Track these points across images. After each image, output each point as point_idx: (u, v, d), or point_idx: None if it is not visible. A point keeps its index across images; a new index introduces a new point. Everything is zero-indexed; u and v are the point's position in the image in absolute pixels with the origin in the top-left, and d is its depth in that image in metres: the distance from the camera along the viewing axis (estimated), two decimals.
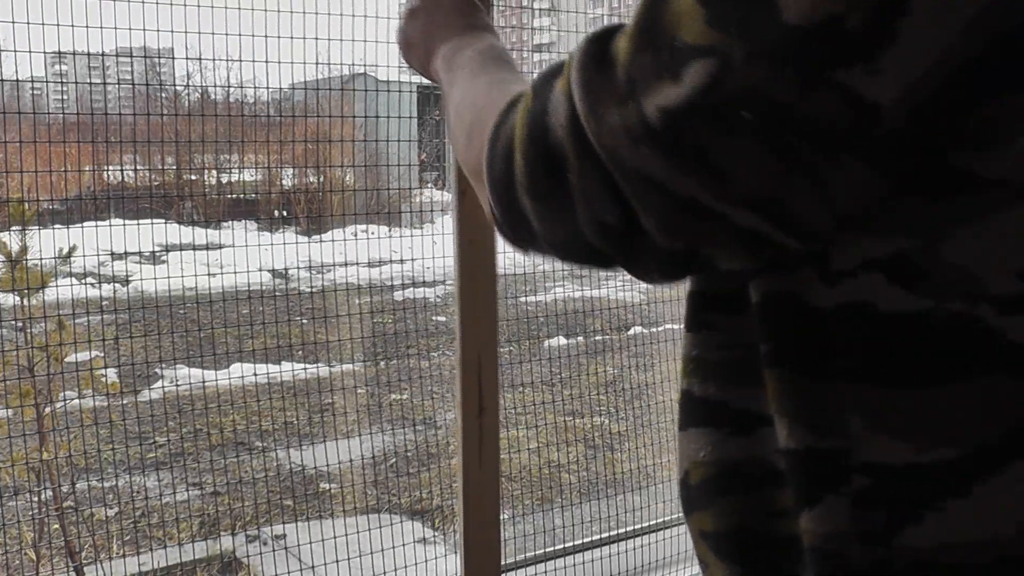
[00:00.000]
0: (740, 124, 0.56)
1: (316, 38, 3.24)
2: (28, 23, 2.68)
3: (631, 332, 5.24)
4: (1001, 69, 0.54)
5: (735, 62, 0.55)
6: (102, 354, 4.16)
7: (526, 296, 4.71)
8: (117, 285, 5.69)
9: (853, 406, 0.62)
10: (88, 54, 4.00)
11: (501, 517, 1.42)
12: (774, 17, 0.54)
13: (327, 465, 4.42)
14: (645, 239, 0.61)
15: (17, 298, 2.96)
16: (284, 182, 7.19)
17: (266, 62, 3.26)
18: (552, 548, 3.60)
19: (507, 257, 3.70)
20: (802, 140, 0.55)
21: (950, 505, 0.59)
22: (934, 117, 0.55)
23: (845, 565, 0.63)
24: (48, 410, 3.00)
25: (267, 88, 3.82)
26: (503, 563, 3.42)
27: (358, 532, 3.33)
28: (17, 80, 3.48)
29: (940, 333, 0.59)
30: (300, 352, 4.97)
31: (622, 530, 3.72)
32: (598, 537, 3.69)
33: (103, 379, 3.40)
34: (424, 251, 4.51)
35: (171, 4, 2.89)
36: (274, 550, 3.39)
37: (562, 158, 0.62)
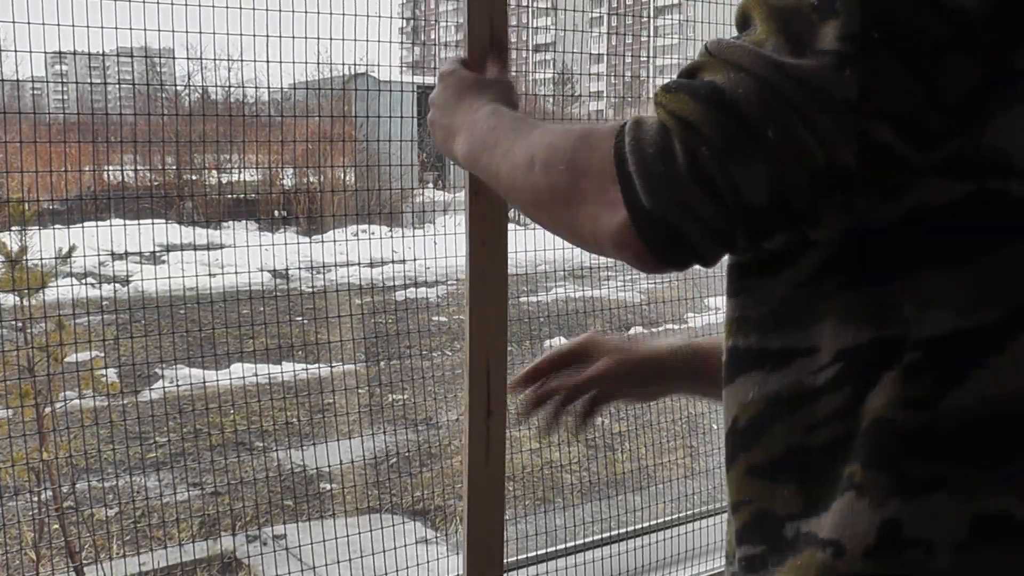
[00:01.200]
0: (875, 43, 0.67)
1: (316, 37, 3.24)
2: (29, 23, 2.68)
3: (631, 332, 5.24)
4: None
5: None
6: (102, 354, 4.15)
7: (527, 296, 4.71)
8: (117, 285, 5.68)
9: (908, 296, 0.74)
10: (89, 54, 3.99)
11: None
12: None
13: (327, 465, 4.42)
14: (836, 174, 0.70)
15: (17, 298, 2.96)
16: (284, 182, 7.19)
17: (267, 62, 3.26)
18: (552, 548, 3.60)
19: (507, 257, 3.69)
20: (924, 53, 0.67)
21: (991, 361, 0.71)
22: (1005, 13, 0.67)
23: (893, 431, 0.74)
24: (48, 410, 2.99)
25: (267, 88, 3.82)
26: (503, 563, 3.42)
27: (359, 533, 3.33)
28: (18, 80, 3.47)
29: (979, 210, 0.71)
30: (300, 352, 4.96)
31: (622, 530, 3.72)
32: (598, 537, 3.69)
33: (103, 379, 3.40)
34: (424, 251, 4.51)
35: (172, 4, 2.89)
36: (275, 551, 3.38)
37: (758, 120, 0.69)
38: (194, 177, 7.90)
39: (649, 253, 0.76)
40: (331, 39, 3.30)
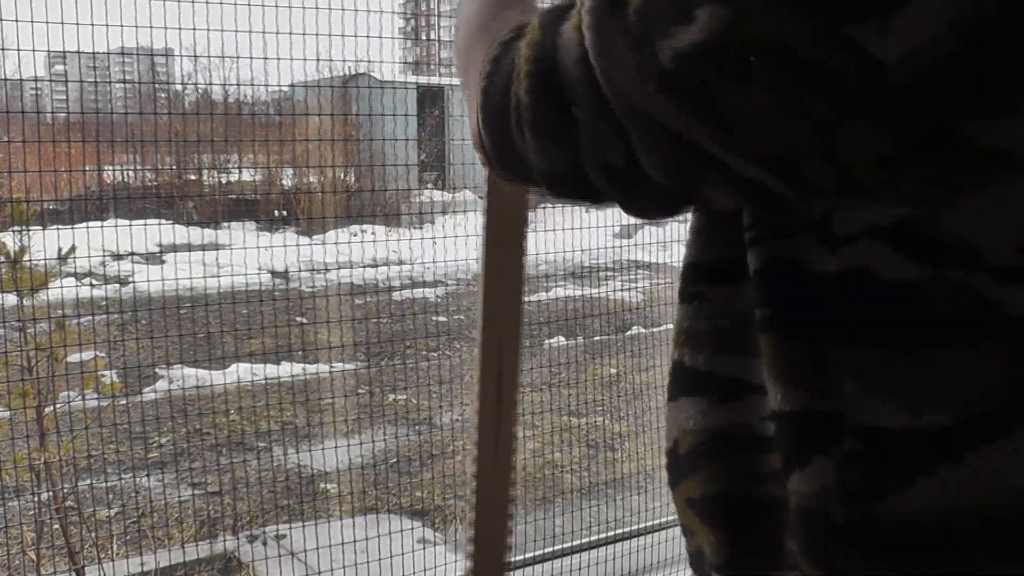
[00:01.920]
0: (750, 72, 0.56)
1: (316, 34, 3.23)
2: (31, 21, 2.68)
3: (631, 332, 5.24)
4: (1012, 34, 0.53)
5: (750, 9, 0.55)
6: (102, 354, 4.15)
7: (527, 296, 4.71)
8: (117, 285, 5.68)
9: (849, 369, 0.63)
10: (90, 54, 3.99)
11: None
12: None
13: (327, 465, 4.42)
14: (646, 179, 0.62)
15: (17, 298, 2.96)
16: (284, 182, 7.19)
17: (265, 59, 3.26)
18: (552, 549, 3.59)
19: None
20: (811, 92, 0.55)
21: (942, 471, 0.60)
22: (941, 82, 0.54)
23: (829, 526, 0.64)
24: (48, 410, 2.99)
25: (267, 87, 3.82)
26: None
27: (357, 532, 3.33)
28: (20, 80, 3.47)
29: (938, 300, 0.60)
30: (300, 352, 4.96)
31: (622, 530, 3.72)
32: (599, 538, 3.69)
33: (103, 379, 3.40)
34: (424, 251, 4.52)
35: (173, 3, 2.89)
36: (279, 553, 3.38)
37: (570, 95, 0.62)
38: (194, 177, 7.91)
39: (488, 167, 0.77)
40: (331, 35, 3.30)
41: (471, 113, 0.80)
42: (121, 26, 3.01)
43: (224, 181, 6.65)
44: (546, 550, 3.57)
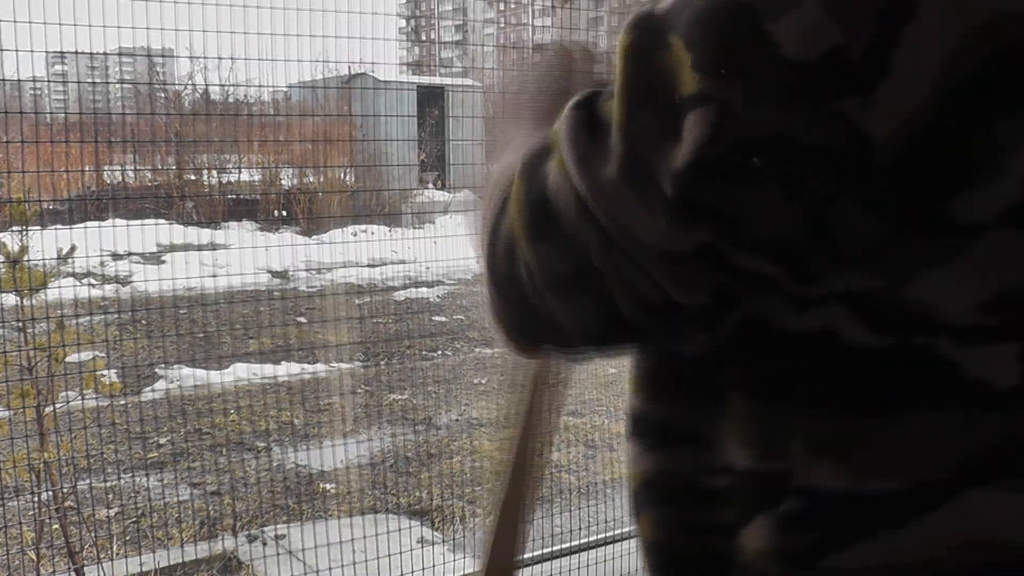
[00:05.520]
0: (750, 171, 0.54)
1: (316, 35, 3.23)
2: (31, 21, 2.68)
3: None
4: (988, 99, 0.52)
5: (735, 106, 0.53)
6: (102, 354, 4.15)
7: None
8: (117, 285, 5.68)
9: (799, 430, 0.62)
10: (90, 54, 3.99)
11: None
12: (773, 54, 0.52)
13: (327, 465, 4.42)
14: (679, 306, 0.59)
15: (17, 298, 2.96)
16: (284, 182, 7.19)
17: (265, 60, 3.26)
18: (552, 549, 3.60)
19: None
20: (811, 176, 0.54)
21: (881, 534, 0.60)
22: (926, 155, 0.53)
23: None
24: (48, 410, 2.99)
25: (267, 87, 3.82)
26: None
27: (357, 532, 3.33)
28: (19, 80, 3.47)
29: (898, 367, 0.59)
30: (300, 352, 4.97)
31: (622, 530, 3.72)
32: (597, 537, 3.69)
33: (103, 379, 3.40)
34: (424, 251, 4.52)
35: (173, 3, 2.89)
36: (278, 553, 3.38)
37: (582, 245, 0.58)
38: (194, 177, 7.91)
39: (513, 346, 0.72)
40: (330, 36, 3.30)
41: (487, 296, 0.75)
42: (121, 26, 3.01)
43: (224, 181, 6.65)
44: (546, 550, 3.57)
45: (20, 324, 2.96)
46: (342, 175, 5.73)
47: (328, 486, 4.51)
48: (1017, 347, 0.56)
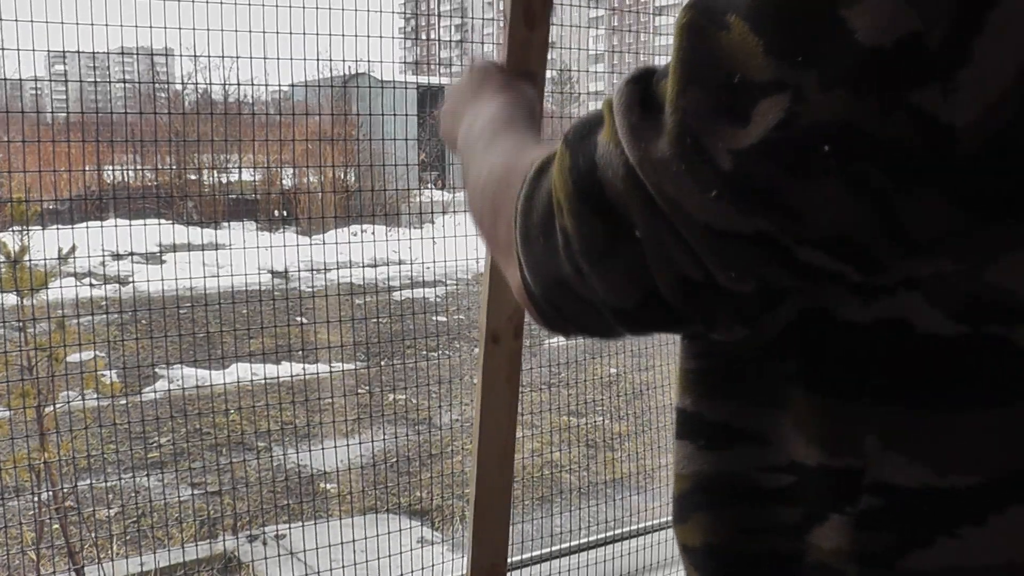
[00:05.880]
0: (818, 159, 0.52)
1: (316, 34, 3.23)
2: (31, 21, 2.68)
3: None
4: None
5: (809, 93, 0.51)
6: (102, 354, 4.15)
7: None
8: (117, 285, 5.68)
9: (873, 425, 0.60)
10: (90, 54, 3.99)
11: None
12: (848, 40, 0.50)
13: (327, 465, 4.42)
14: (720, 289, 0.58)
15: (17, 298, 2.96)
16: (284, 182, 7.19)
17: (265, 58, 3.26)
18: (552, 549, 3.60)
19: None
20: (881, 170, 0.52)
21: (965, 532, 0.58)
22: (1011, 141, 0.51)
23: None
24: (48, 410, 2.99)
25: (267, 87, 3.82)
26: None
27: (357, 532, 3.33)
28: (20, 80, 3.47)
29: (975, 358, 0.57)
30: (300, 352, 4.96)
31: (622, 530, 3.72)
32: (598, 537, 3.69)
33: (103, 379, 3.40)
34: (424, 252, 4.51)
35: (174, 2, 2.89)
36: (279, 553, 3.38)
37: (625, 214, 0.57)
38: (194, 177, 7.91)
39: (544, 324, 0.69)
40: (331, 35, 3.30)
41: (503, 257, 0.72)
42: (121, 26, 3.01)
43: (224, 181, 6.64)
44: (546, 550, 3.57)
45: (20, 324, 2.96)
46: (342, 175, 5.73)
47: (328, 486, 4.51)
48: None
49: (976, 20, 0.50)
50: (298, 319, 6.03)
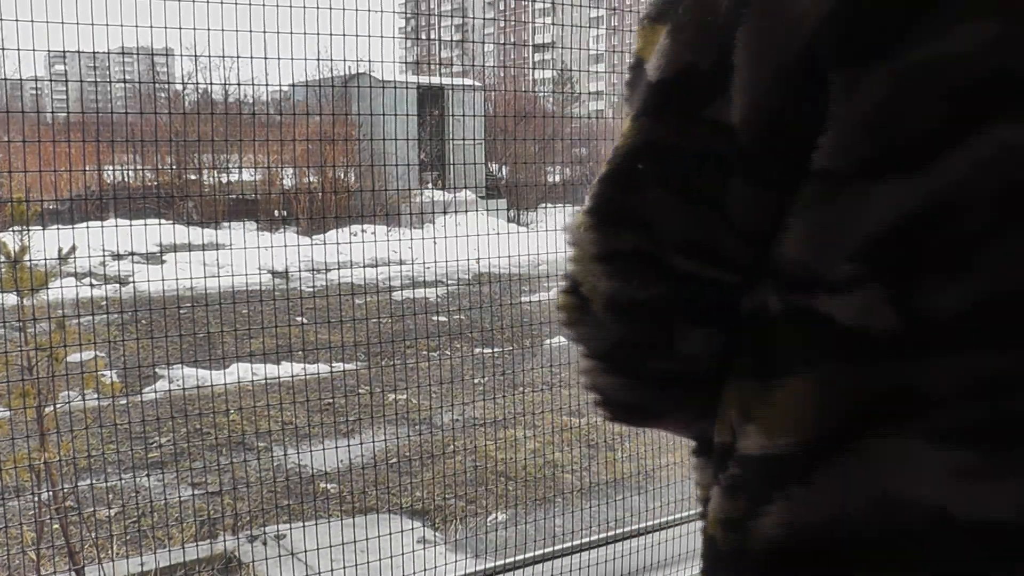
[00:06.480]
0: (636, 174, 0.66)
1: (317, 34, 3.23)
2: (31, 21, 2.68)
3: None
4: (814, 69, 0.61)
5: (626, 127, 0.67)
6: (102, 354, 4.15)
7: (527, 296, 4.71)
8: (117, 285, 5.68)
9: (733, 401, 0.69)
10: (90, 54, 3.99)
11: (501, 517, 1.42)
12: (644, 80, 0.67)
13: (327, 465, 4.42)
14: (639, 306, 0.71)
15: (17, 298, 2.96)
16: (284, 182, 7.19)
17: (265, 59, 3.25)
18: (552, 549, 3.59)
19: (507, 259, 3.70)
20: (695, 175, 0.65)
21: (792, 489, 0.64)
22: (773, 124, 0.63)
23: (715, 550, 0.69)
24: (48, 410, 2.99)
25: (267, 86, 3.82)
26: (503, 563, 3.42)
27: (357, 532, 3.33)
28: (20, 80, 3.47)
29: (790, 328, 0.65)
30: (300, 352, 4.96)
31: (622, 530, 3.71)
32: (598, 537, 3.69)
33: (103, 379, 3.40)
34: (424, 252, 4.50)
35: (174, 2, 2.89)
36: (279, 554, 3.38)
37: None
38: (194, 177, 7.91)
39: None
40: (331, 35, 3.29)
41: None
42: (121, 26, 3.01)
43: (224, 181, 6.65)
44: (546, 550, 3.57)
45: (20, 324, 2.95)
46: (342, 175, 5.73)
47: (328, 486, 4.50)
48: (885, 290, 0.59)
49: (730, 40, 0.62)
50: (298, 319, 6.03)
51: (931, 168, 0.57)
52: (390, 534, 3.30)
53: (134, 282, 4.80)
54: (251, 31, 3.12)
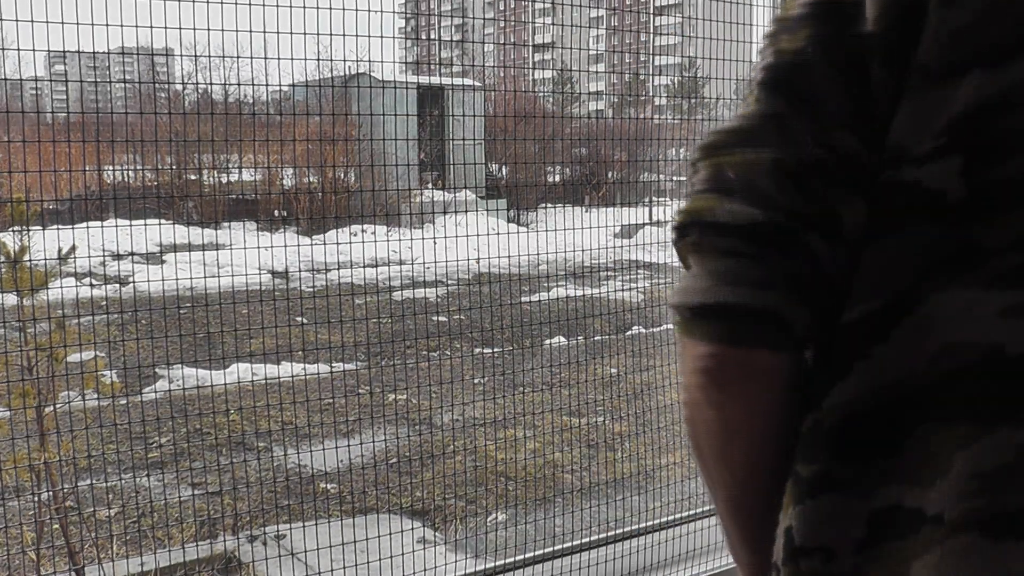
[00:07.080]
0: (810, 59, 0.75)
1: (316, 34, 3.23)
2: (31, 21, 2.68)
3: (631, 332, 5.24)
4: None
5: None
6: (102, 354, 4.15)
7: (527, 296, 4.71)
8: (117, 285, 5.68)
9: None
10: (90, 54, 3.98)
11: (501, 517, 1.42)
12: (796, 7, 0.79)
13: (327, 465, 4.42)
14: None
15: (17, 298, 2.96)
16: (284, 182, 7.20)
17: (265, 59, 3.25)
18: (552, 549, 3.59)
19: (507, 259, 3.70)
20: (849, 62, 0.73)
21: (874, 350, 0.72)
22: (898, 24, 0.71)
23: (797, 437, 0.77)
24: (48, 410, 2.99)
25: (267, 86, 3.82)
26: (503, 563, 3.42)
27: (357, 532, 3.33)
28: (20, 80, 3.47)
29: (875, 201, 0.73)
30: (300, 352, 4.96)
31: (622, 530, 3.71)
32: (598, 537, 3.69)
33: (103, 379, 3.40)
34: (424, 252, 4.51)
35: (174, 2, 2.89)
36: (279, 554, 3.38)
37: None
38: (194, 177, 7.91)
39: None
40: (331, 35, 3.29)
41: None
42: (121, 26, 3.01)
43: (224, 181, 6.65)
44: (546, 550, 3.57)
45: (20, 324, 2.95)
46: (342, 175, 5.73)
47: (328, 486, 4.50)
48: (959, 160, 0.70)
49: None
50: (298, 319, 6.03)
51: (1011, 65, 0.69)
52: (390, 534, 3.30)
53: (134, 282, 4.80)
54: (251, 31, 3.12)
